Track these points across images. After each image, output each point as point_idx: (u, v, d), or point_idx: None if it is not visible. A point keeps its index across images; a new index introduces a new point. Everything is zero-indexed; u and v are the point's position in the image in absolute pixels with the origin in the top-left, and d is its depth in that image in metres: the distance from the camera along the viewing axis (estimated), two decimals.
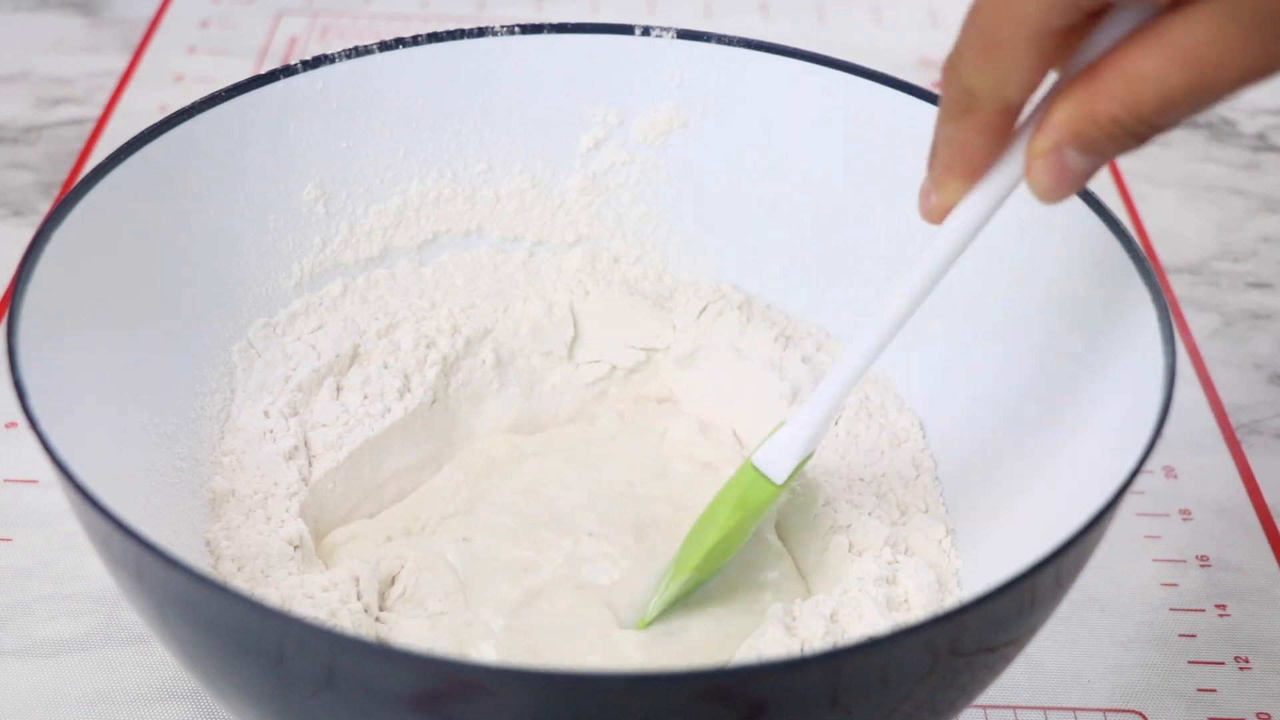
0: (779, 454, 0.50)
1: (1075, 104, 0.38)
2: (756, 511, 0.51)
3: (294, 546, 0.52)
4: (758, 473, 0.50)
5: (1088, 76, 0.38)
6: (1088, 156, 0.39)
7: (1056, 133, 0.39)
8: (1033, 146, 0.40)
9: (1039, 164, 0.40)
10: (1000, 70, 0.38)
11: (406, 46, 0.58)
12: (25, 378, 0.44)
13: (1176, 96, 0.36)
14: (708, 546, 0.51)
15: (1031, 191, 0.41)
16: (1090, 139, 0.38)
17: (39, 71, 0.86)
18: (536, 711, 0.39)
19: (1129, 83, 0.36)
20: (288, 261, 0.58)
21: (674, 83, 0.60)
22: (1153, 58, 0.36)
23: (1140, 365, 0.48)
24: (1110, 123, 0.37)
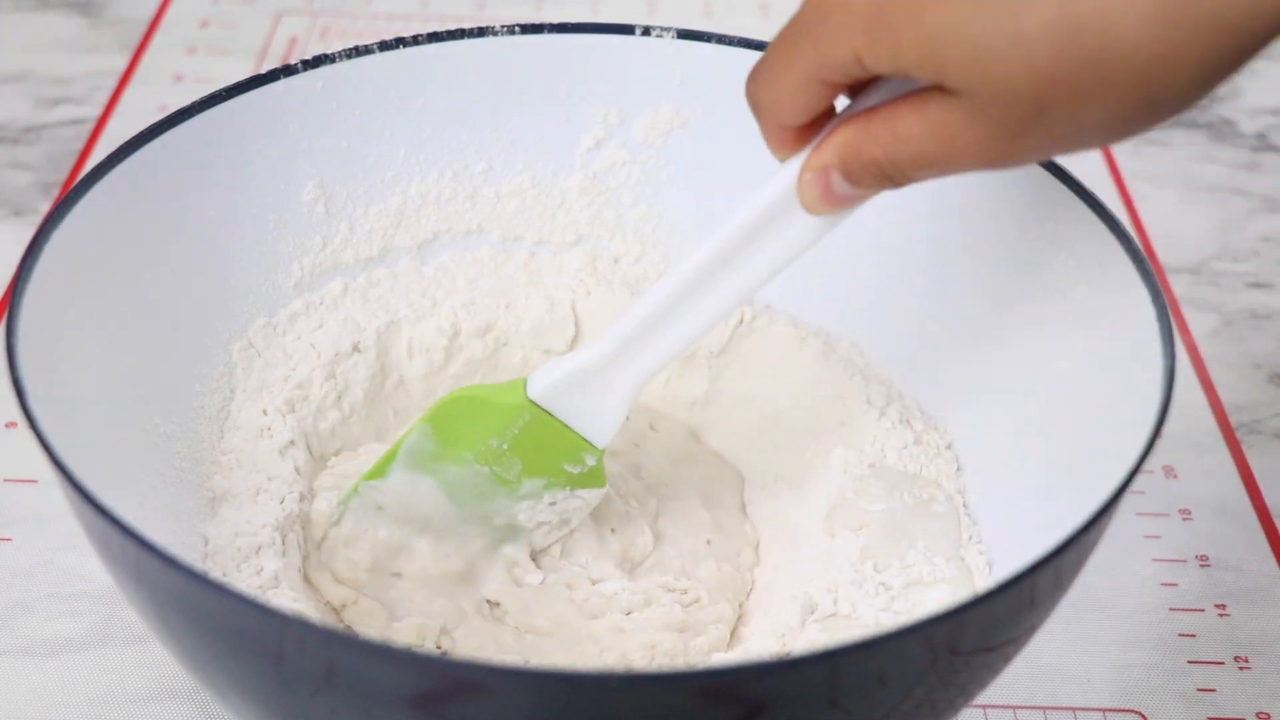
0: (544, 370, 0.52)
1: (848, 138, 0.44)
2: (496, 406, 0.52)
3: (279, 535, 0.52)
4: (524, 381, 0.52)
5: (867, 117, 0.43)
6: (850, 185, 0.45)
7: (828, 156, 0.44)
8: (808, 161, 0.45)
9: (808, 177, 0.45)
10: (776, 97, 0.44)
11: (407, 46, 0.58)
12: (25, 377, 0.44)
13: (926, 160, 0.42)
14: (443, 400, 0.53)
15: (800, 199, 0.46)
16: (853, 171, 0.44)
17: (39, 71, 0.86)
18: (535, 710, 0.39)
19: (893, 137, 0.42)
20: (288, 261, 0.58)
21: (674, 83, 0.60)
22: (915, 124, 0.41)
23: (1140, 365, 0.48)
24: (872, 163, 0.43)
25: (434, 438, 0.53)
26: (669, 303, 0.49)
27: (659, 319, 0.50)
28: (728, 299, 0.49)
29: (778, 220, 0.47)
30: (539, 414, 0.52)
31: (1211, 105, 0.88)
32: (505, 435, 0.53)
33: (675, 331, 0.50)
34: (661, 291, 0.49)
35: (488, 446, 0.53)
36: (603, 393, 0.52)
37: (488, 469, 0.53)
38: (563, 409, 0.52)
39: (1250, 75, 0.90)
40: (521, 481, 0.53)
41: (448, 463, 0.53)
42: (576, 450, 0.53)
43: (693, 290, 0.49)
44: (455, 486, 0.53)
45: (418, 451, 0.53)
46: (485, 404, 0.52)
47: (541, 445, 0.53)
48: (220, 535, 0.52)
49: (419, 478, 0.53)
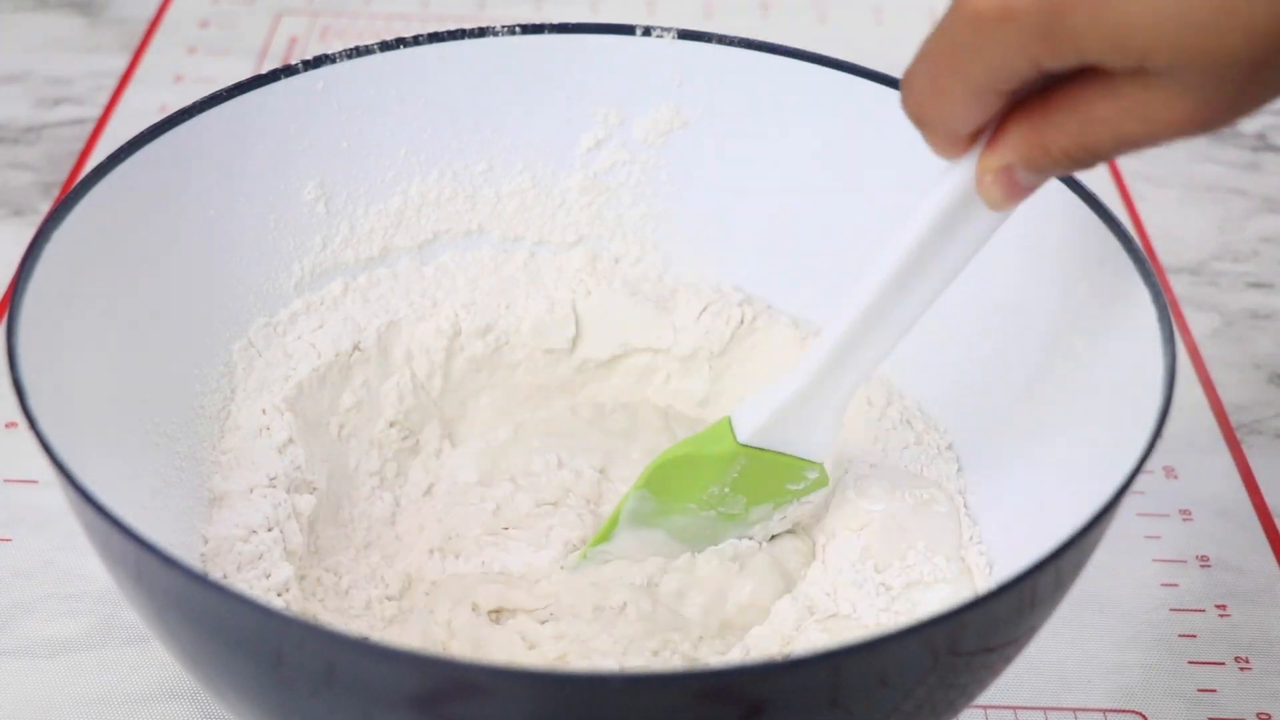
0: (748, 410, 0.52)
1: (1027, 133, 0.42)
2: (710, 458, 0.52)
3: (269, 529, 0.52)
4: (728, 423, 0.52)
5: (1041, 108, 0.41)
6: (1036, 175, 0.43)
7: (1009, 155, 0.43)
8: (984, 162, 0.43)
9: (989, 178, 0.43)
10: (945, 111, 0.42)
11: (407, 46, 0.58)
12: (25, 377, 0.44)
13: (1129, 140, 0.40)
14: (656, 464, 0.53)
15: (983, 199, 0.44)
16: (1041, 164, 0.42)
17: (39, 71, 0.86)
18: (535, 711, 0.39)
19: (1083, 124, 0.40)
20: (288, 261, 0.58)
21: (675, 83, 0.60)
22: (1109, 107, 0.40)
23: (1140, 365, 0.48)
24: (1061, 154, 0.41)
25: (653, 499, 0.53)
26: (861, 321, 0.48)
27: (854, 339, 0.49)
28: (916, 306, 0.48)
29: (956, 222, 0.46)
30: (754, 453, 0.52)
31: None
32: (724, 481, 0.53)
33: (870, 347, 0.49)
34: (853, 311, 0.48)
35: (709, 494, 0.53)
36: (813, 419, 0.51)
37: (714, 512, 0.54)
38: (775, 441, 0.52)
39: None
40: (749, 511, 0.54)
41: (672, 515, 0.54)
42: (799, 471, 0.53)
43: (882, 306, 0.48)
44: (683, 532, 0.54)
45: (639, 513, 0.54)
46: (697, 460, 0.53)
47: (763, 478, 0.53)
48: (218, 535, 0.52)
49: (646, 532, 0.54)
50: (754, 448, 0.52)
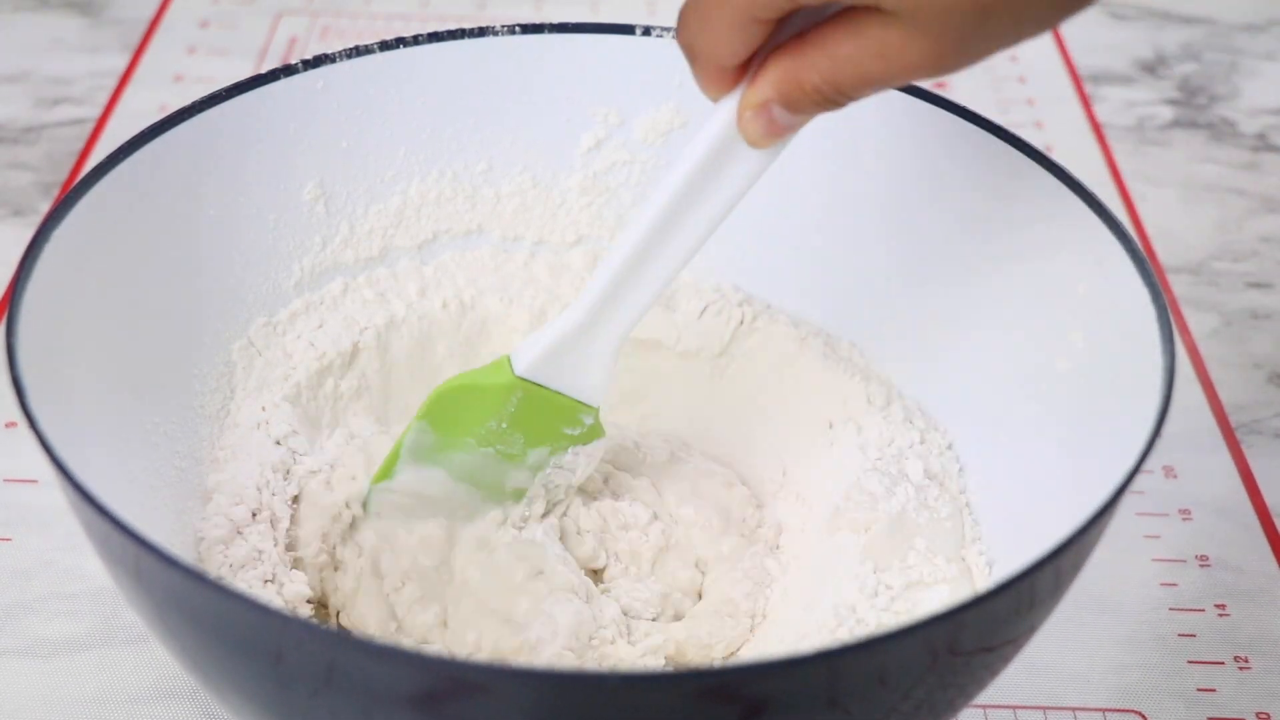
0: (526, 346, 0.53)
1: (783, 70, 0.44)
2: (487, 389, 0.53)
3: (255, 515, 0.52)
4: (507, 359, 0.53)
5: (796, 47, 0.44)
6: (791, 114, 0.45)
7: (766, 91, 0.45)
8: (745, 99, 0.46)
9: (749, 114, 0.46)
10: (711, 40, 0.44)
11: (407, 46, 0.58)
12: (24, 376, 0.44)
13: (870, 78, 0.43)
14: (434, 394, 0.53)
15: (744, 137, 0.46)
16: (794, 100, 0.45)
17: (39, 71, 0.86)
18: (535, 710, 0.39)
19: (832, 62, 0.43)
20: (288, 260, 0.58)
21: (674, 83, 0.60)
22: (854, 46, 0.42)
23: (1140, 365, 0.48)
24: (813, 90, 0.44)
25: (432, 431, 0.54)
26: (633, 258, 0.50)
27: (627, 275, 0.50)
28: (687, 245, 0.50)
29: (723, 160, 0.47)
30: (530, 388, 0.53)
31: (1211, 105, 0.88)
32: (502, 415, 0.53)
33: (644, 284, 0.51)
34: (624, 248, 0.50)
35: (487, 429, 0.54)
36: (588, 355, 0.52)
37: (491, 449, 0.54)
38: (552, 378, 0.53)
39: (1250, 75, 0.90)
40: (527, 453, 0.54)
41: (451, 451, 0.54)
42: (573, 413, 0.54)
43: (653, 242, 0.50)
44: (464, 471, 0.54)
45: (419, 447, 0.54)
46: (476, 389, 0.53)
47: (539, 416, 0.53)
48: (208, 528, 0.52)
49: (427, 470, 0.54)
50: (530, 381, 0.53)
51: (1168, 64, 0.92)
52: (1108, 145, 0.84)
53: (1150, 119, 0.87)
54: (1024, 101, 0.87)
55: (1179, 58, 0.92)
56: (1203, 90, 0.89)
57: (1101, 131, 0.85)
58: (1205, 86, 0.90)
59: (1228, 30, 0.95)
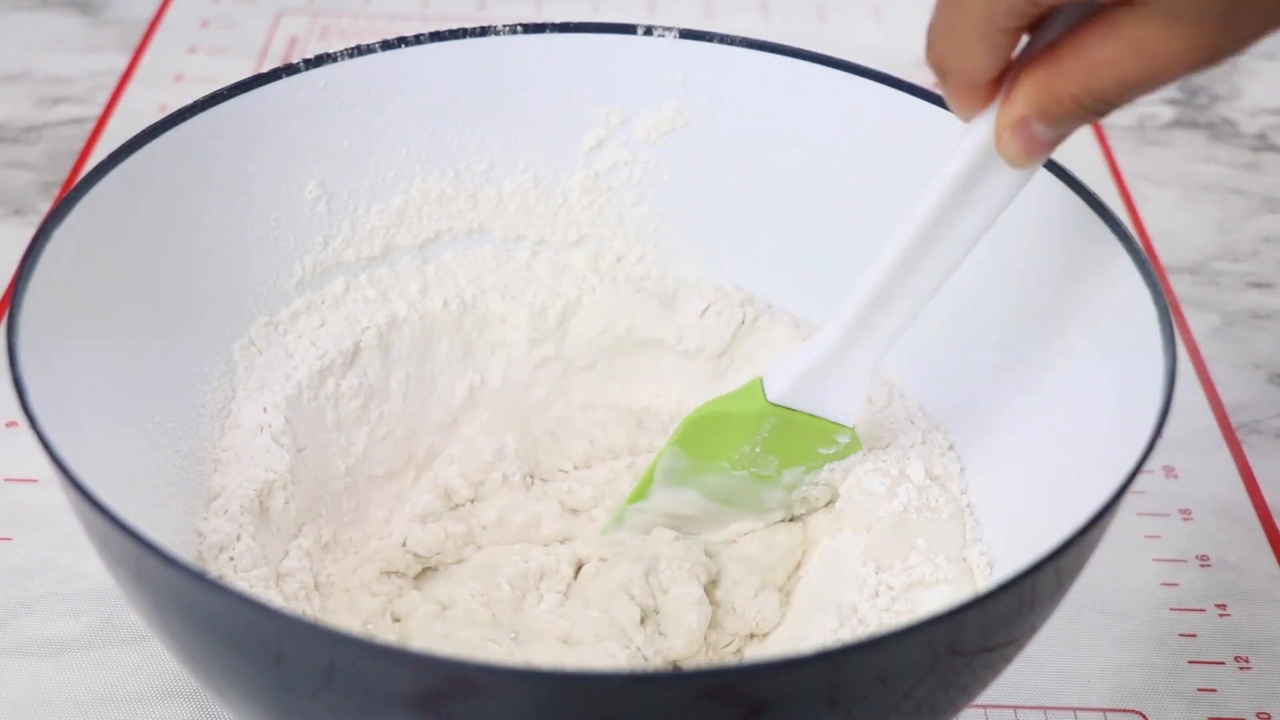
0: (778, 370, 0.53)
1: (1039, 83, 0.42)
2: (740, 416, 0.53)
3: (256, 516, 0.52)
4: (759, 383, 0.53)
5: (1050, 58, 0.42)
6: (1052, 129, 0.44)
7: (1023, 108, 0.43)
8: (1001, 118, 0.44)
9: (1007, 134, 0.44)
10: (959, 55, 0.43)
11: (409, 46, 0.58)
12: (25, 375, 0.44)
13: (1132, 82, 0.41)
14: (688, 420, 0.53)
15: (1003, 158, 0.45)
16: (1054, 114, 0.43)
17: (39, 71, 0.86)
18: (535, 710, 0.39)
19: (1089, 69, 0.41)
20: (289, 260, 0.58)
21: (676, 83, 0.60)
22: (1110, 48, 0.40)
23: (1141, 366, 0.48)
24: (1072, 101, 0.42)
25: (685, 456, 0.54)
26: (888, 280, 0.49)
27: (881, 297, 0.50)
28: (944, 266, 0.49)
29: (979, 180, 0.47)
30: (784, 413, 0.53)
31: (1212, 105, 0.88)
32: (755, 440, 0.53)
33: (899, 306, 0.50)
34: (879, 270, 0.49)
35: (740, 454, 0.54)
36: (842, 378, 0.52)
37: (745, 472, 0.54)
38: (805, 401, 0.53)
39: (1250, 75, 0.90)
40: (781, 474, 0.55)
41: (705, 474, 0.54)
42: (828, 434, 0.54)
43: (908, 264, 0.49)
44: (718, 492, 0.55)
45: (673, 470, 0.54)
46: (728, 417, 0.53)
47: (792, 439, 0.53)
48: (209, 528, 0.52)
49: (681, 491, 0.55)
50: (783, 407, 0.52)
51: None
52: (1108, 145, 0.84)
53: (1150, 119, 0.87)
54: None
55: None
56: (1203, 90, 0.89)
57: (1102, 131, 0.85)
58: (1205, 86, 0.90)
59: None
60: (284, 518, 0.53)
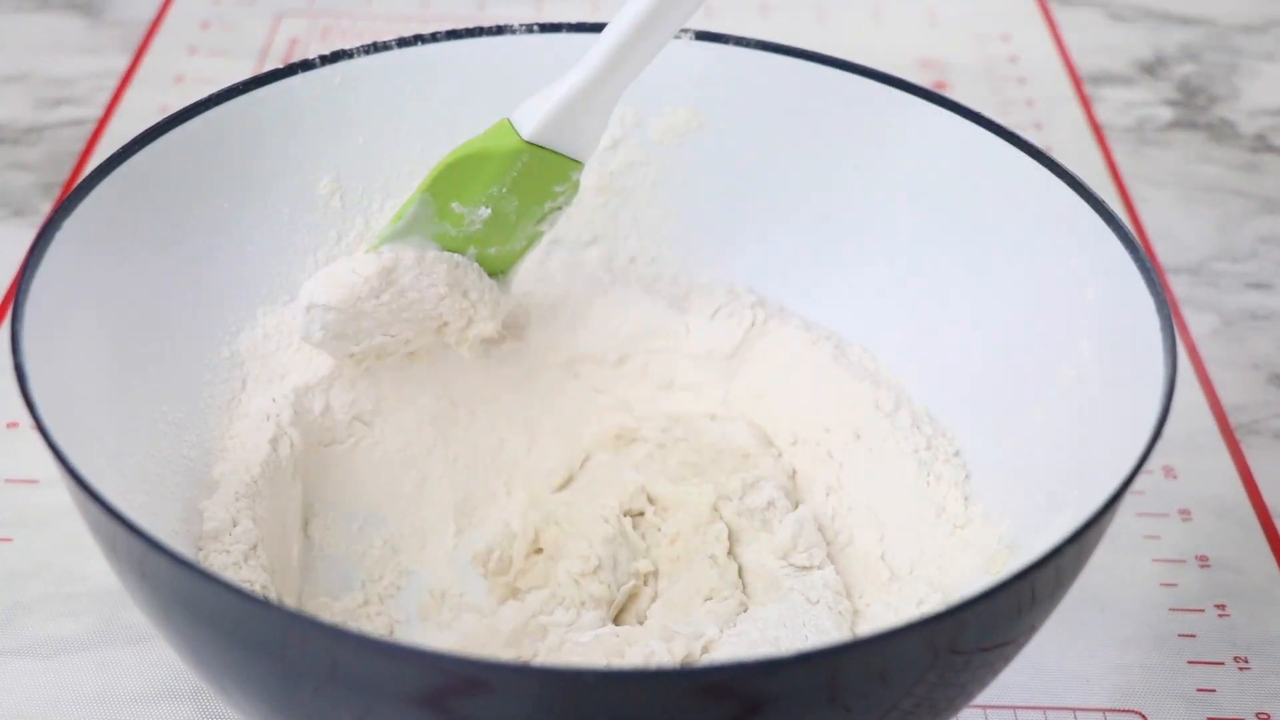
0: (529, 110, 0.53)
1: None
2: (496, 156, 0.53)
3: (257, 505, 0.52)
4: (509, 124, 0.53)
5: None
6: None
7: None
8: None
9: None
10: None
11: (425, 43, 0.58)
12: (30, 377, 0.44)
13: None
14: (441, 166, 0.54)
15: None
16: None
17: (39, 72, 0.86)
18: (537, 706, 0.39)
19: None
20: (303, 254, 0.58)
21: (691, 84, 0.60)
22: None
23: (1141, 367, 0.48)
24: None
25: (433, 203, 0.54)
26: (648, 17, 0.51)
27: (637, 35, 0.51)
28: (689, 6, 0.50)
29: None
30: (535, 151, 0.53)
31: (1211, 106, 0.88)
32: (505, 181, 0.54)
33: (647, 45, 0.51)
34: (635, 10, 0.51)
35: (489, 194, 0.54)
36: (589, 114, 0.53)
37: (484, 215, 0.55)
38: (553, 140, 0.53)
39: (1250, 75, 0.90)
40: (518, 217, 0.55)
41: (444, 222, 0.55)
42: (565, 171, 0.54)
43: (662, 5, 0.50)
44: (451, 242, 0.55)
45: (420, 218, 0.55)
46: (483, 157, 0.54)
47: (536, 179, 0.54)
48: (209, 519, 0.52)
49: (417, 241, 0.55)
50: (537, 145, 0.53)
51: (1167, 65, 0.92)
52: (1107, 146, 0.84)
53: (1150, 120, 0.87)
54: (1024, 102, 0.87)
55: (1179, 58, 0.92)
56: (1202, 91, 0.89)
57: (1101, 132, 0.85)
58: (1205, 87, 0.90)
59: (1227, 31, 0.95)
60: (288, 496, 0.54)
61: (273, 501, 0.53)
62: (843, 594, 0.54)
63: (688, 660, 0.50)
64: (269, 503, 0.53)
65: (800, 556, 0.54)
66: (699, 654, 0.50)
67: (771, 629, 0.51)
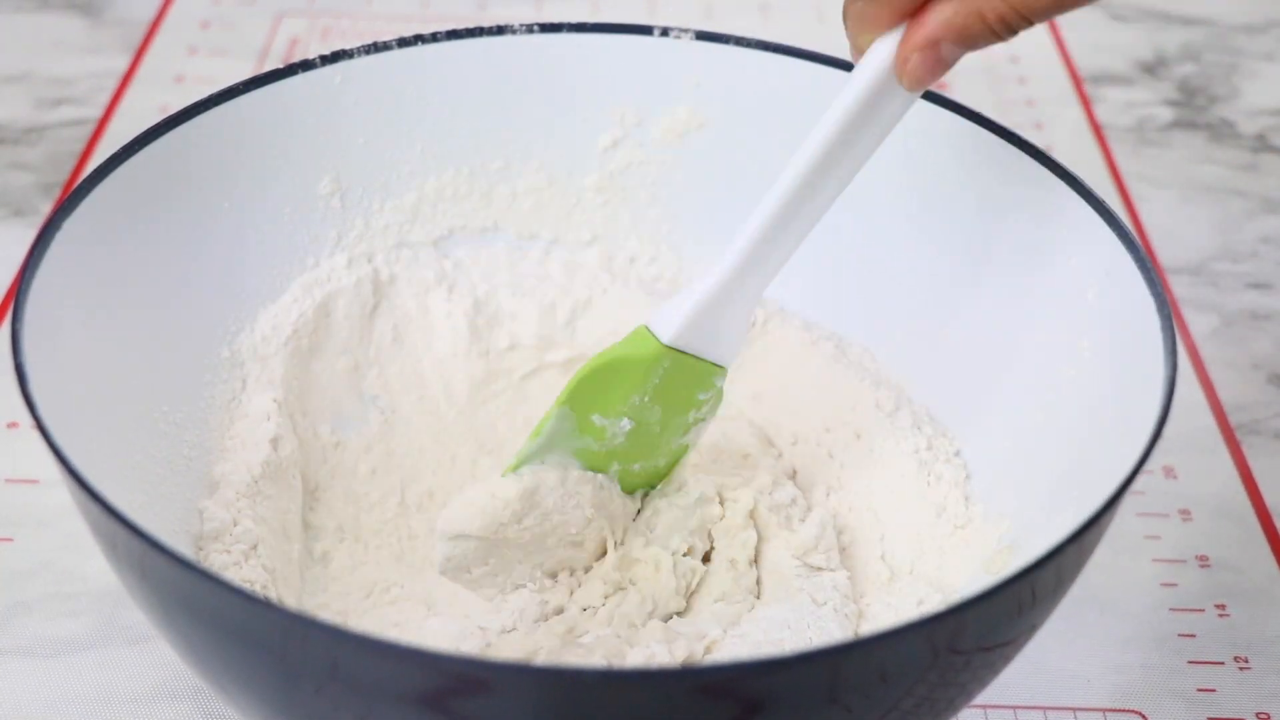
0: (666, 314, 0.52)
1: (961, 4, 0.44)
2: (634, 363, 0.51)
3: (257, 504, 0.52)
4: (647, 330, 0.52)
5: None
6: (962, 49, 0.45)
7: (936, 29, 0.45)
8: (910, 40, 0.45)
9: (916, 56, 0.45)
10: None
11: (426, 43, 0.58)
12: (31, 378, 0.44)
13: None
14: (578, 378, 0.52)
15: (903, 80, 0.46)
16: (972, 34, 0.44)
17: (40, 72, 0.86)
18: (538, 706, 0.39)
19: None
20: (303, 254, 0.58)
21: (692, 84, 0.60)
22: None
23: (1141, 367, 0.48)
24: (997, 20, 0.44)
25: (573, 417, 0.52)
26: (779, 216, 0.49)
27: (771, 234, 0.50)
28: (827, 199, 0.49)
29: (870, 109, 0.47)
30: (675, 356, 0.52)
31: (1211, 106, 0.88)
32: (646, 389, 0.52)
33: (784, 242, 0.50)
34: (771, 206, 0.49)
35: (630, 404, 0.53)
36: (728, 316, 0.52)
37: (627, 427, 0.53)
38: (693, 345, 0.52)
39: (1249, 76, 0.91)
40: (663, 427, 0.54)
41: (586, 435, 0.53)
42: (709, 377, 0.53)
43: (798, 200, 0.49)
44: (590, 458, 0.53)
45: (559, 433, 0.53)
46: (622, 365, 0.52)
47: (678, 385, 0.53)
48: (209, 519, 0.52)
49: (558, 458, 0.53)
50: (677, 349, 0.52)
51: (1167, 65, 0.92)
52: (1108, 146, 0.84)
53: (1150, 120, 0.87)
54: (1024, 102, 0.87)
55: (1179, 59, 0.92)
56: (1202, 91, 0.89)
57: (1101, 132, 0.85)
58: (1205, 87, 0.90)
59: (1228, 31, 0.95)
60: (288, 496, 0.54)
61: (273, 501, 0.53)
62: (850, 597, 0.54)
63: (690, 661, 0.50)
64: (269, 502, 0.53)
65: (818, 558, 0.54)
66: (701, 654, 0.50)
67: (775, 630, 0.51)
